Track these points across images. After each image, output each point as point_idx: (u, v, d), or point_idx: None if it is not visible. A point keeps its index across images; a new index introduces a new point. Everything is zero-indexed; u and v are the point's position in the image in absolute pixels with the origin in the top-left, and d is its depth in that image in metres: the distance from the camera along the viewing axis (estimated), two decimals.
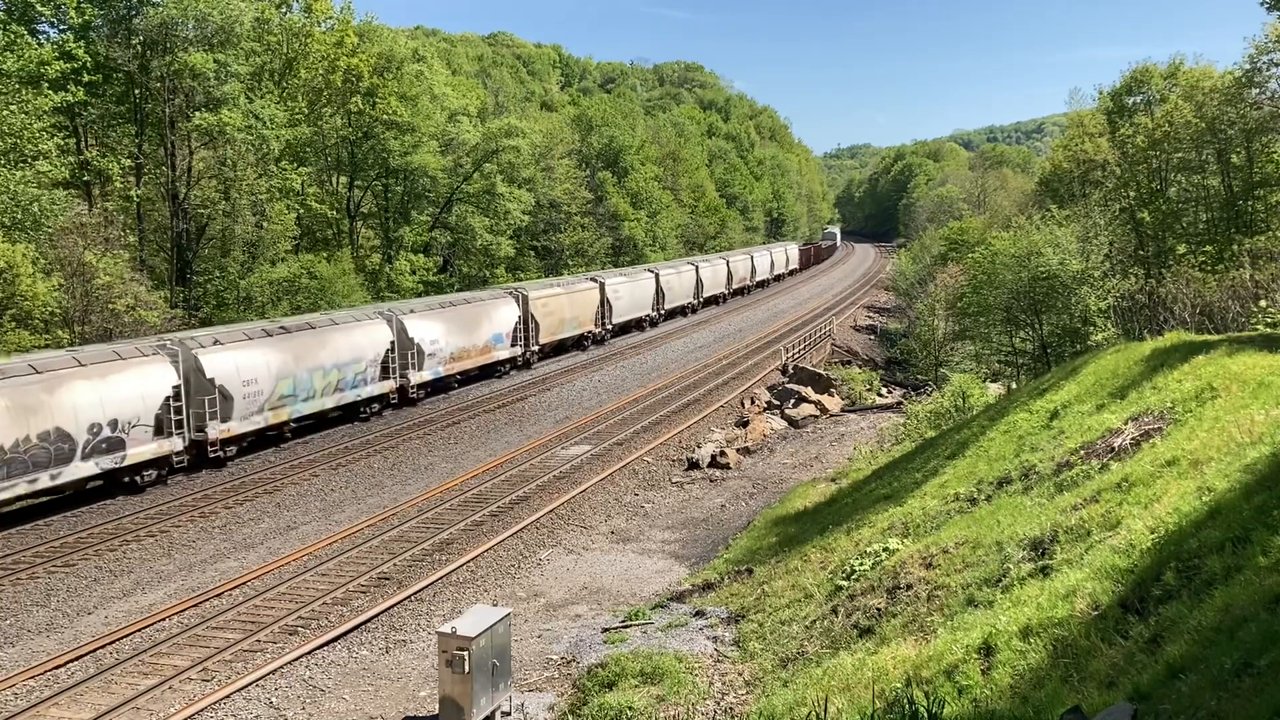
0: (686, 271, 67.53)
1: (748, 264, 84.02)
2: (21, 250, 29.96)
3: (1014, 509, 13.93)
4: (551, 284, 48.58)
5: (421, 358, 36.64)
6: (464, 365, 39.84)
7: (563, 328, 48.00)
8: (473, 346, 40.24)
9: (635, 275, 58.53)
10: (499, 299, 42.88)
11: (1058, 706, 7.55)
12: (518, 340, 43.45)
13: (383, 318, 35.16)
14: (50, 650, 16.60)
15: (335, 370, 32.33)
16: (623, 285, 55.47)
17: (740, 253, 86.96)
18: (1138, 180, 45.73)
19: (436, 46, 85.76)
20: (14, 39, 33.85)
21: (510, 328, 42.78)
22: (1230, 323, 26.76)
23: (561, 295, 47.85)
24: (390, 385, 35.22)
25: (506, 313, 42.71)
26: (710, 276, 71.99)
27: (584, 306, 50.24)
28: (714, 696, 13.31)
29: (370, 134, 51.54)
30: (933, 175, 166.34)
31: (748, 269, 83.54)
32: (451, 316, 39.16)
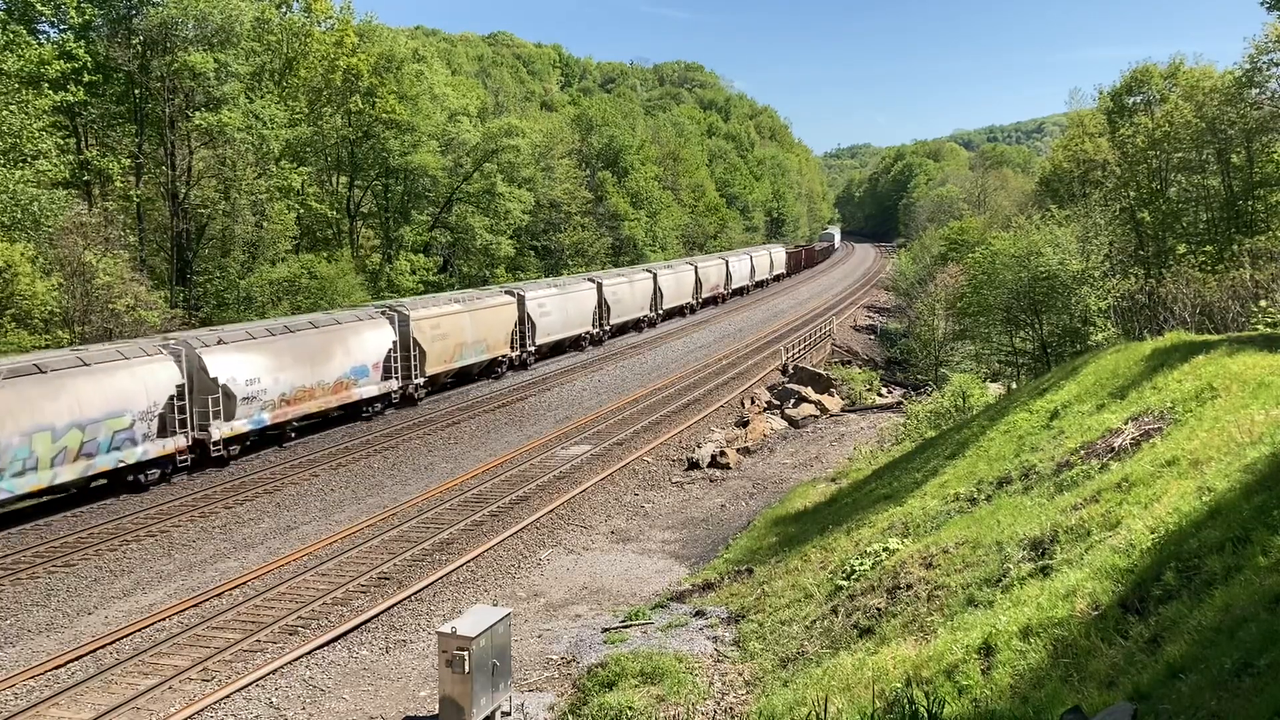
0: (641, 281, 59.85)
1: (721, 270, 77.29)
2: (20, 250, 29.96)
3: (1014, 509, 13.93)
4: (449, 300, 40.53)
5: (231, 403, 28.34)
6: (305, 409, 31.28)
7: (460, 353, 39.61)
8: (319, 384, 31.67)
9: (571, 287, 50.85)
10: (364, 322, 34.52)
11: (1058, 706, 7.54)
12: (393, 372, 35.32)
13: (169, 352, 27.10)
14: (50, 650, 16.60)
15: (74, 431, 23.73)
16: (553, 299, 47.74)
17: (714, 258, 79.41)
18: (1138, 180, 45.73)
19: (436, 46, 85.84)
20: (14, 39, 33.83)
21: (380, 357, 34.50)
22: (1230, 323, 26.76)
23: (459, 314, 39.45)
24: (172, 444, 26.59)
25: (374, 338, 34.29)
26: (673, 286, 65.06)
27: (494, 326, 41.86)
28: (714, 696, 13.31)
29: (370, 134, 51.55)
30: (933, 175, 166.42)
31: (721, 275, 76.99)
32: (283, 347, 30.54)
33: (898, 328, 70.66)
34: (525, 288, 46.65)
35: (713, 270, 74.87)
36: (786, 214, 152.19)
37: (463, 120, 57.75)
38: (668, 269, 65.71)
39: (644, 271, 61.25)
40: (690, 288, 68.86)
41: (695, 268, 70.31)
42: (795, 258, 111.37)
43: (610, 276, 56.00)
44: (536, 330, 45.88)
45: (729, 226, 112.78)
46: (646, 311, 60.21)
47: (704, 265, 73.28)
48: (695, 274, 70.10)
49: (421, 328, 36.99)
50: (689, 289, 68.68)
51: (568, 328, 49.51)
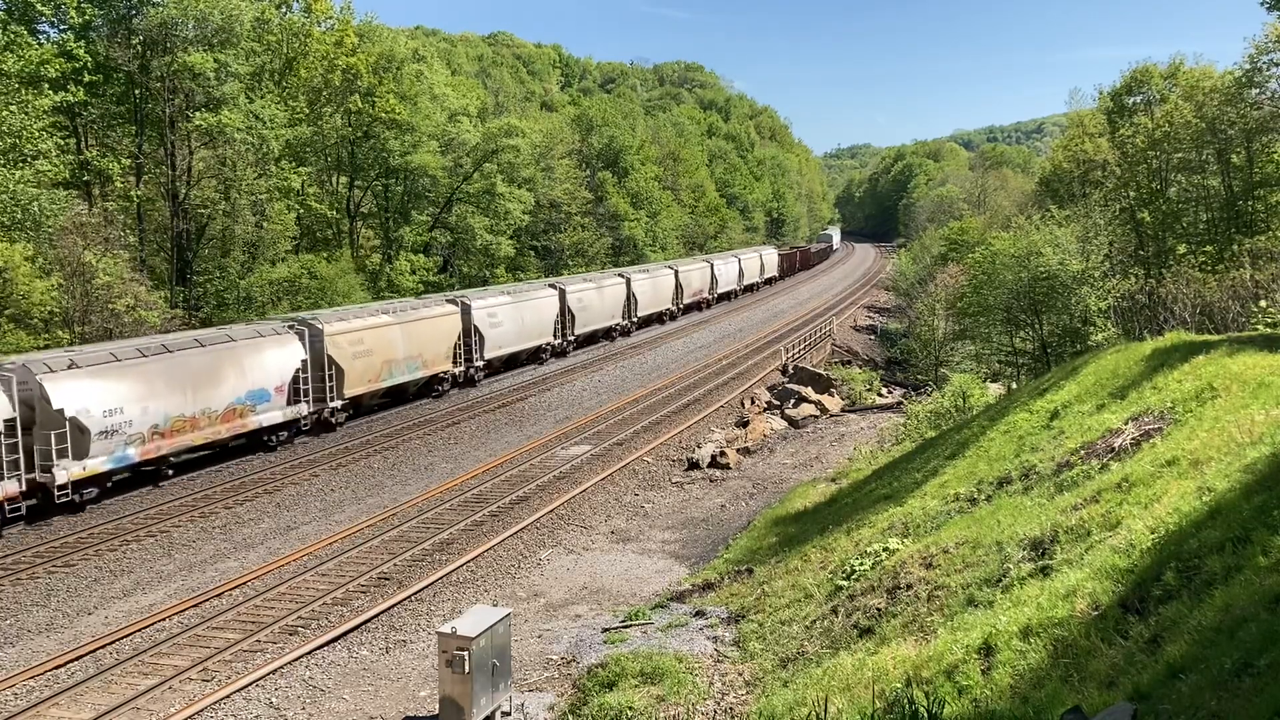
0: (612, 286, 54.72)
1: (704, 274, 72.75)
2: (19, 250, 29.96)
3: (1014, 509, 13.93)
4: (377, 311, 35.79)
5: (83, 439, 23.90)
6: (185, 441, 27.06)
7: (389, 371, 35.02)
8: (204, 412, 27.40)
9: (528, 294, 45.96)
10: (265, 339, 30.09)
11: (1058, 706, 7.54)
12: (303, 395, 31.06)
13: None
14: (50, 650, 16.60)
15: None
16: (505, 308, 43.05)
17: (697, 261, 74.68)
18: (1138, 180, 45.71)
19: (436, 46, 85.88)
20: (14, 39, 33.83)
21: (286, 378, 30.27)
22: (1230, 323, 26.76)
23: (387, 327, 34.85)
24: None
25: (278, 357, 30.13)
26: (649, 291, 60.16)
27: (432, 339, 37.48)
28: (714, 696, 13.31)
29: (370, 134, 51.55)
30: (933, 175, 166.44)
31: (704, 279, 72.44)
32: (155, 371, 26.13)
33: (898, 328, 70.67)
34: (472, 295, 42.14)
35: (695, 274, 70.40)
36: (786, 214, 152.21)
37: (463, 120, 57.75)
38: (643, 273, 60.93)
39: (616, 276, 56.16)
40: (669, 293, 64.57)
41: (675, 272, 65.79)
42: (789, 260, 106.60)
43: (576, 282, 51.18)
44: (485, 343, 41.13)
45: (729, 227, 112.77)
46: (618, 320, 55.37)
47: (686, 269, 68.71)
48: (675, 278, 65.49)
49: (338, 343, 32.47)
50: (668, 295, 64.26)
51: (524, 339, 44.80)
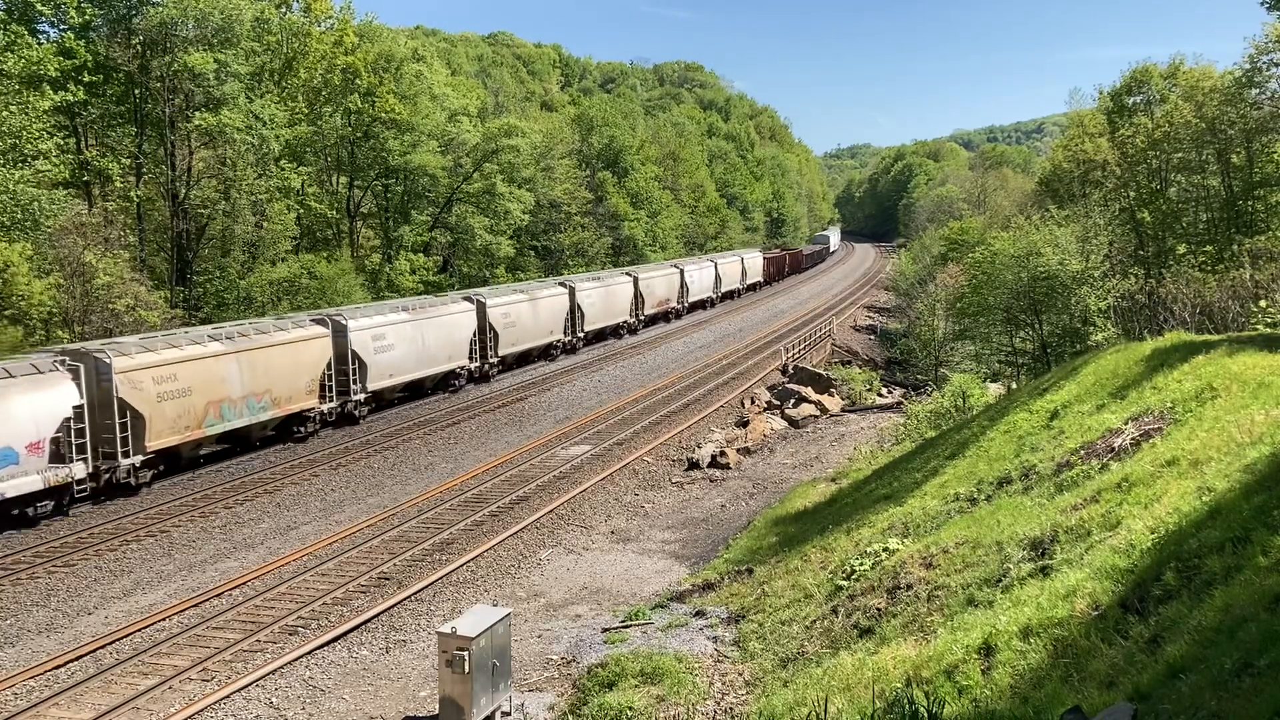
0: (550, 298, 47.24)
1: (672, 281, 65.12)
2: (18, 250, 29.96)
3: (1014, 509, 13.93)
4: (206, 338, 28.35)
5: None
6: None
7: (211, 415, 27.58)
8: None
9: (431, 311, 38.55)
10: (16, 380, 22.88)
11: (1058, 706, 7.54)
12: (77, 451, 23.82)
13: None
14: (50, 650, 16.59)
15: None
16: (400, 328, 35.95)
17: (663, 267, 66.83)
18: (1138, 180, 45.72)
19: (436, 46, 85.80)
20: (14, 39, 33.85)
21: (47, 431, 23.21)
22: (1230, 323, 26.76)
23: (218, 358, 27.79)
24: None
25: (34, 405, 22.97)
26: (598, 302, 52.55)
27: (293, 368, 30.55)
28: (714, 696, 13.31)
29: (370, 134, 51.56)
30: (933, 175, 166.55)
31: (671, 287, 65.05)
32: None
33: (898, 328, 70.69)
34: (350, 313, 34.77)
35: (660, 282, 63.06)
36: (786, 214, 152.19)
37: (463, 120, 57.77)
38: (593, 282, 53.68)
39: (557, 286, 49.01)
40: (626, 304, 56.95)
41: (635, 279, 58.51)
42: (776, 264, 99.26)
43: (501, 294, 43.88)
44: (369, 370, 34.04)
45: (729, 227, 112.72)
46: (558, 335, 48.18)
47: (649, 276, 61.14)
48: (635, 287, 58.16)
49: (139, 381, 25.32)
50: (624, 305, 56.64)
51: (425, 364, 37.65)
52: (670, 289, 64.87)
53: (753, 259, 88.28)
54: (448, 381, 39.97)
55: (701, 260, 75.29)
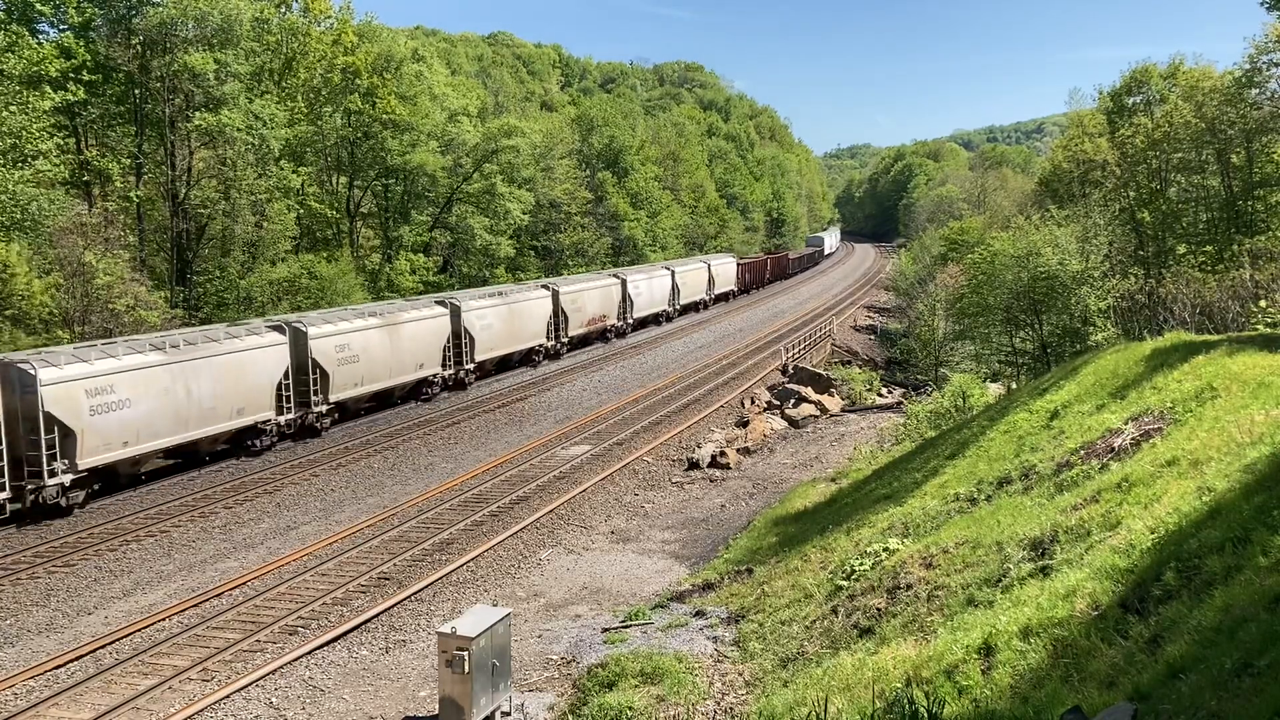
0: (428, 320, 37.70)
1: (609, 294, 54.26)
2: (16, 249, 29.95)
3: (1014, 509, 13.93)
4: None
5: None
6: None
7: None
8: None
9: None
10: None
11: (1058, 706, 7.54)
12: None
13: None
14: (50, 650, 16.59)
15: None
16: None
17: (600, 277, 55.97)
18: (1137, 180, 45.73)
19: (436, 46, 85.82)
20: (14, 39, 33.85)
21: None
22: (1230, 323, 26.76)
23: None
24: None
25: None
26: (495, 323, 42.10)
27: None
28: (714, 696, 13.31)
29: (369, 134, 51.56)
30: (933, 175, 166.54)
31: (608, 301, 53.99)
32: None
33: (898, 328, 70.69)
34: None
35: (591, 296, 51.82)
36: (786, 214, 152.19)
37: (463, 120, 57.76)
38: (492, 299, 42.69)
39: (436, 306, 39.28)
40: (542, 322, 46.27)
41: (555, 293, 47.78)
42: (754, 270, 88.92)
43: (351, 318, 34.36)
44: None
45: (729, 227, 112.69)
46: (436, 369, 38.43)
47: (574, 289, 50.22)
48: (553, 302, 47.43)
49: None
50: (536, 325, 45.65)
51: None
52: (607, 303, 53.84)
53: (723, 265, 77.85)
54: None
55: (654, 269, 64.59)
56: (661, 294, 62.92)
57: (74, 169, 37.41)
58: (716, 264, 76.05)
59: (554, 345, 48.12)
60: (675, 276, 65.01)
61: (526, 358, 46.24)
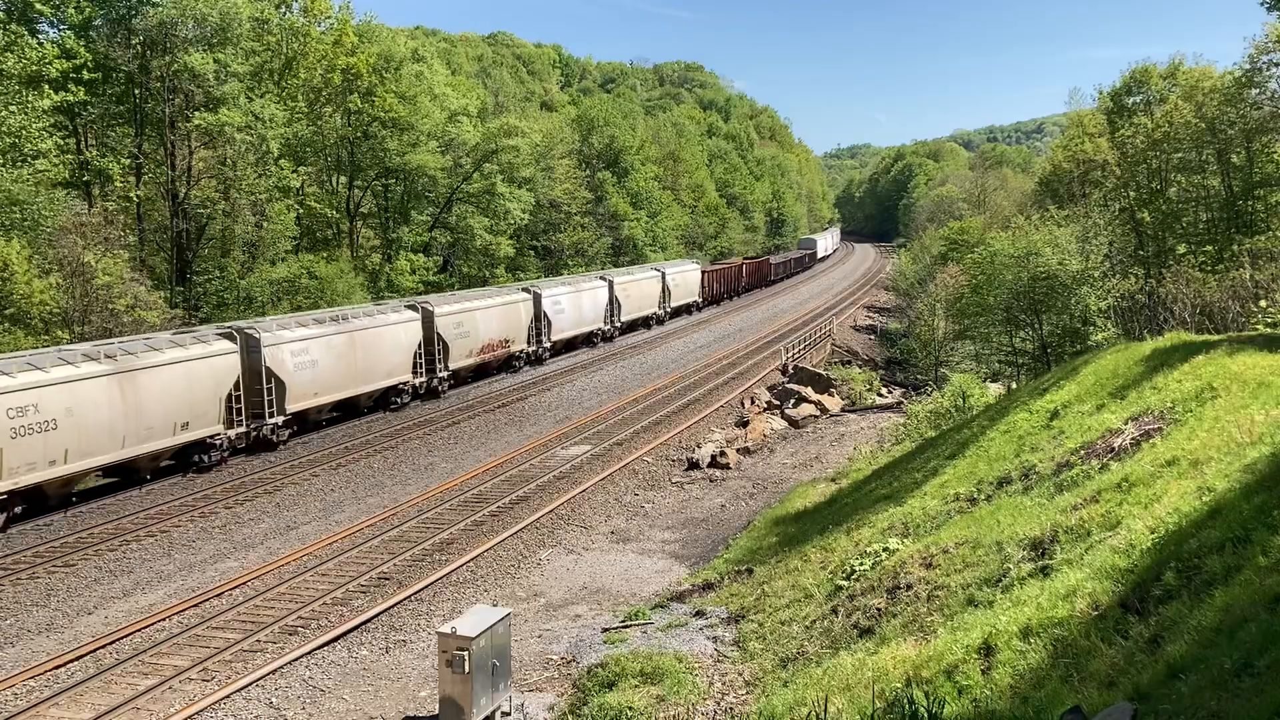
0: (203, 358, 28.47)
1: (511, 316, 43.25)
2: (16, 248, 29.93)
3: (1014, 509, 13.93)
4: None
5: None
6: None
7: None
8: None
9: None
10: None
11: (1058, 706, 7.54)
12: None
13: None
14: (50, 650, 16.59)
15: None
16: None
17: (505, 293, 44.80)
18: (1137, 180, 45.73)
19: (436, 46, 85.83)
20: (14, 39, 33.85)
21: None
22: (1230, 323, 26.76)
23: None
24: None
25: None
26: (322, 360, 32.02)
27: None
28: (714, 696, 13.31)
29: (369, 134, 51.56)
30: (933, 175, 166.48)
31: (509, 325, 43.15)
32: None
33: (898, 328, 70.72)
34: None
35: (487, 318, 41.23)
36: (786, 214, 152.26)
37: (462, 120, 57.75)
38: (327, 327, 32.97)
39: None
40: (382, 358, 35.07)
41: (429, 314, 38.03)
42: (724, 279, 78.76)
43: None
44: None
45: (729, 226, 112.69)
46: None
47: (457, 310, 39.88)
48: (427, 327, 37.78)
49: None
50: (376, 363, 34.78)
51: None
52: (507, 327, 43.12)
53: (682, 274, 68.02)
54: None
55: (584, 281, 53.73)
56: (594, 311, 52.86)
57: (74, 169, 37.40)
58: (674, 272, 66.45)
59: (420, 383, 37.70)
60: (615, 289, 55.19)
61: (391, 398, 36.33)
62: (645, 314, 61.09)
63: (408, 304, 38.48)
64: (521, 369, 45.40)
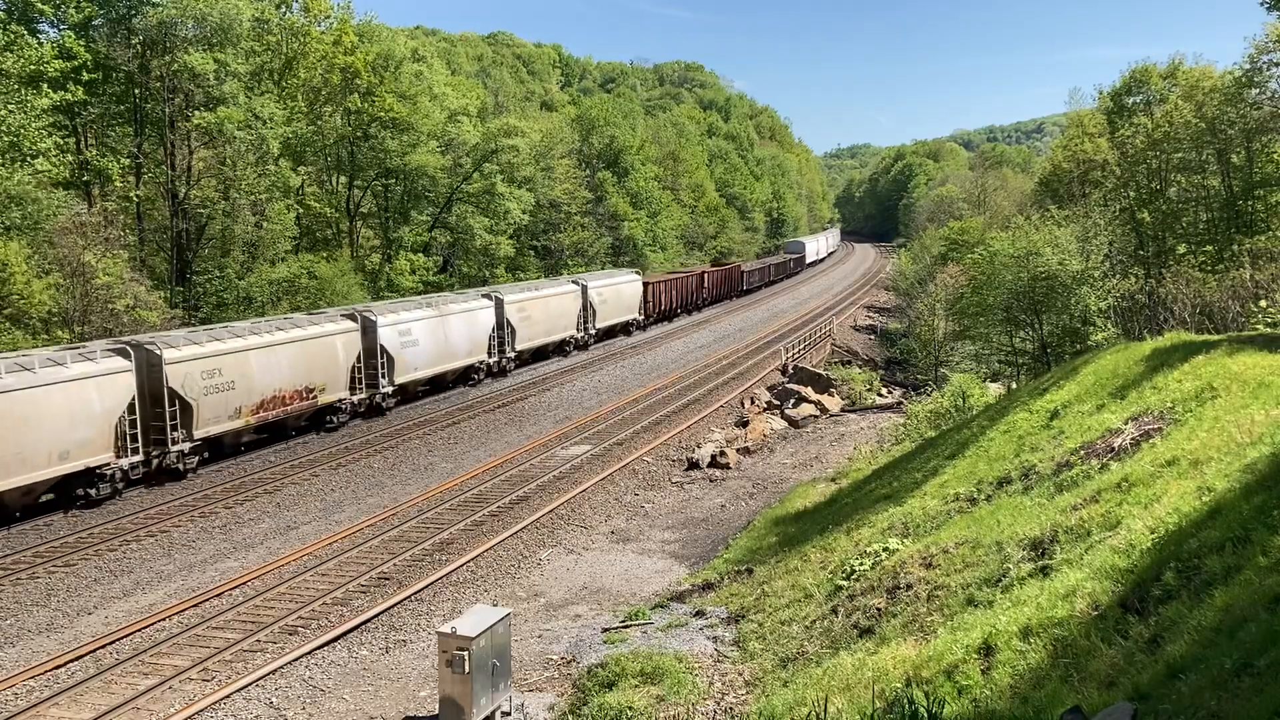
0: None
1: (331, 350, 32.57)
2: (15, 248, 29.93)
3: (1014, 509, 13.93)
4: None
5: None
6: None
7: None
8: None
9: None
10: None
11: (1058, 706, 7.54)
12: None
13: None
14: (50, 650, 16.59)
15: None
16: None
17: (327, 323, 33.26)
18: (1137, 180, 45.72)
19: (436, 46, 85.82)
20: (14, 39, 33.84)
21: None
22: (1230, 323, 26.77)
23: None
24: None
25: None
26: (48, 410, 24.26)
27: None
28: (714, 696, 13.30)
29: (369, 134, 51.57)
30: (933, 175, 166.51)
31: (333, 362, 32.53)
32: None
33: (898, 328, 70.72)
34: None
35: (277, 361, 30.41)
36: (787, 214, 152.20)
37: (462, 120, 57.75)
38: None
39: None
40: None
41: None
42: (679, 291, 65.85)
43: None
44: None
45: (729, 226, 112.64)
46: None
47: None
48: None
49: None
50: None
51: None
52: (328, 369, 32.52)
53: (614, 288, 54.65)
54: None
55: (463, 301, 41.25)
56: (463, 342, 39.88)
57: (74, 169, 37.38)
58: (601, 285, 53.00)
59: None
60: (506, 308, 43.13)
61: None
62: (557, 338, 48.17)
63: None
64: None
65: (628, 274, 59.89)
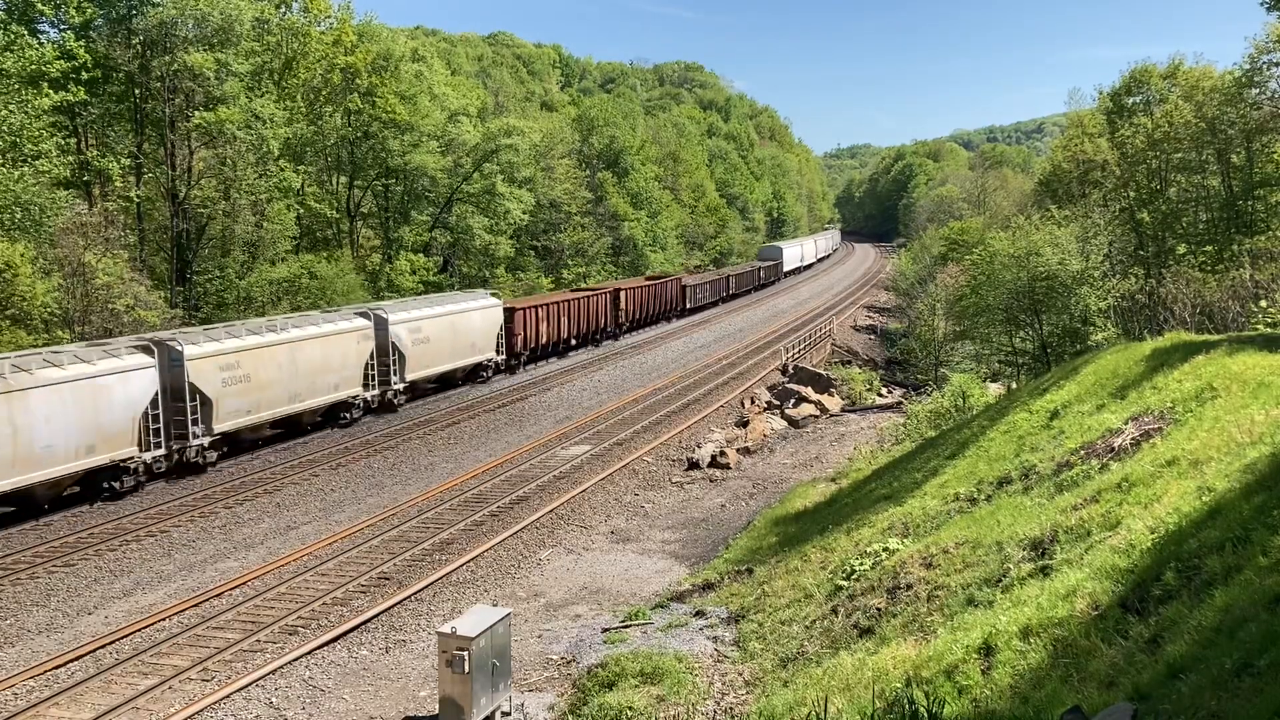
0: None
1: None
2: (19, 249, 29.94)
3: (1014, 509, 13.93)
4: None
5: None
6: None
7: None
8: None
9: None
10: None
11: (1058, 706, 7.55)
12: None
13: None
14: (50, 650, 16.59)
15: None
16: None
17: None
18: (1137, 180, 45.72)
19: (436, 46, 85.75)
20: (14, 39, 33.84)
21: None
22: (1230, 323, 26.78)
23: None
24: None
25: None
26: None
27: None
28: (714, 696, 13.31)
29: (369, 134, 51.57)
30: (933, 175, 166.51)
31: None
32: None
33: (898, 328, 70.72)
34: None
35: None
36: (787, 214, 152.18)
37: (463, 120, 57.73)
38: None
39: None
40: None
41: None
42: (568, 318, 49.65)
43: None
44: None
45: (729, 227, 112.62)
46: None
47: None
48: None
49: None
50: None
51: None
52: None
53: (449, 320, 38.98)
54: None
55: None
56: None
57: (74, 169, 37.37)
58: (421, 318, 37.46)
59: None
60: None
61: None
62: (336, 398, 33.05)
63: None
64: None
65: (480, 298, 42.86)
